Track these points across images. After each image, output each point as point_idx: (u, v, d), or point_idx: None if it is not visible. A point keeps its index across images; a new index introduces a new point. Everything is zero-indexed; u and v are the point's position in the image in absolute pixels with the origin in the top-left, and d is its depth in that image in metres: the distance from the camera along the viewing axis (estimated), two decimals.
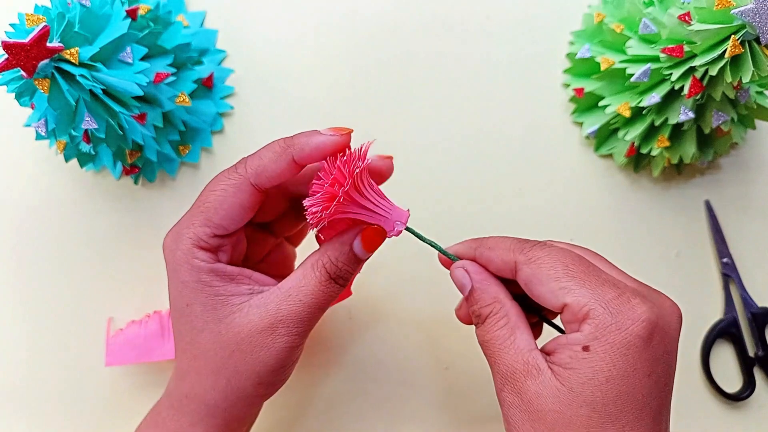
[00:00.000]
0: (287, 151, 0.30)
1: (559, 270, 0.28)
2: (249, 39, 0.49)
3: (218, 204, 0.31)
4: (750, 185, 0.47)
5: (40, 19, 0.34)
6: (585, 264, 0.28)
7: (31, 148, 0.47)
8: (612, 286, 0.27)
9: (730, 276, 0.45)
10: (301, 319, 0.30)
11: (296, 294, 0.30)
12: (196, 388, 0.31)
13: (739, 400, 0.44)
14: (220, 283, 0.31)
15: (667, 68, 0.38)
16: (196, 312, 0.31)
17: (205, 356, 0.31)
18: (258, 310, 0.30)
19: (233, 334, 0.30)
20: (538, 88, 0.48)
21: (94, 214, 0.47)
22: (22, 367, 0.46)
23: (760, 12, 0.33)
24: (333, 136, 0.30)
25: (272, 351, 0.30)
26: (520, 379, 0.28)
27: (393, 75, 0.48)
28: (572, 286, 0.27)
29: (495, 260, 0.31)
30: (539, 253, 0.29)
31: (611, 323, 0.26)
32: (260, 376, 0.30)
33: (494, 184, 0.47)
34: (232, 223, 0.31)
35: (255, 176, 0.31)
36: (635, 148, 0.44)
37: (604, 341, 0.26)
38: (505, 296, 0.31)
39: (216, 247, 0.31)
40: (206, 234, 0.31)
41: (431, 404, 0.44)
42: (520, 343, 0.29)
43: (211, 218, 0.31)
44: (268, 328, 0.30)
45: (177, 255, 0.31)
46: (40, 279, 0.47)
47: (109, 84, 0.37)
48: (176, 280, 0.31)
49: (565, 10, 0.48)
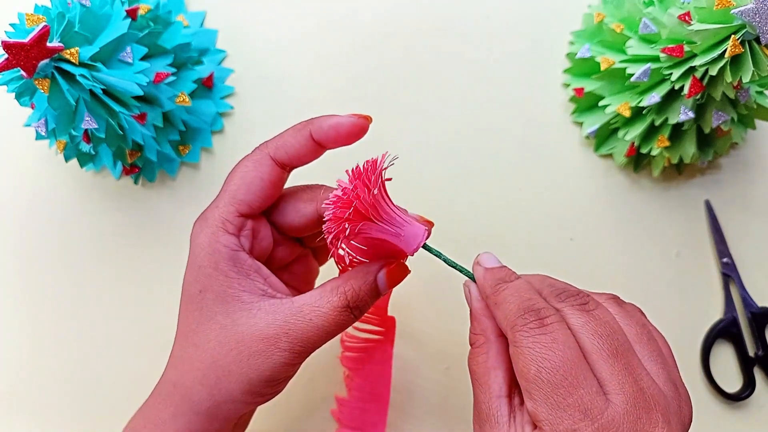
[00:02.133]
0: (306, 128, 0.31)
1: (531, 371, 0.26)
2: (249, 39, 0.49)
3: (241, 180, 0.31)
4: (750, 185, 0.47)
5: (40, 19, 0.34)
6: (562, 373, 0.26)
7: (31, 148, 0.47)
8: (576, 413, 0.25)
9: (730, 276, 0.45)
10: (306, 339, 0.30)
11: (308, 313, 0.30)
12: (185, 378, 0.31)
13: (739, 400, 0.44)
14: (235, 275, 0.30)
15: (667, 68, 0.38)
16: (207, 300, 0.30)
17: (202, 347, 0.30)
18: (266, 316, 0.30)
19: (236, 332, 0.30)
20: (538, 88, 0.48)
21: (94, 214, 0.47)
22: (22, 367, 0.46)
23: (760, 12, 0.33)
24: (351, 117, 0.30)
25: (269, 362, 0.30)
26: (482, 420, 0.29)
27: (393, 75, 0.48)
28: (535, 394, 0.26)
29: (497, 318, 0.30)
30: (523, 341, 0.27)
31: None
32: (251, 384, 0.30)
33: (494, 184, 0.47)
34: (256, 198, 0.31)
35: (275, 150, 0.31)
36: (635, 148, 0.44)
37: None
38: (494, 332, 0.30)
39: (239, 227, 0.31)
40: (231, 213, 0.31)
41: (432, 403, 0.44)
42: (493, 385, 0.29)
43: (235, 195, 0.31)
44: (271, 338, 0.29)
45: (200, 238, 0.31)
46: (40, 279, 0.47)
47: (109, 84, 0.37)
48: (194, 264, 0.31)
49: (565, 10, 0.48)
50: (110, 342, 0.46)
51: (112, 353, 0.46)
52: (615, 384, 0.26)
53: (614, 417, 0.25)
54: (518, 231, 0.46)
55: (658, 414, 0.25)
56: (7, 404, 0.46)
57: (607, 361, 0.26)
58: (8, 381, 0.46)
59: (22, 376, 0.46)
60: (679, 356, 0.45)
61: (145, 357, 0.44)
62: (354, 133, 0.31)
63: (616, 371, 0.26)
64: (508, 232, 0.46)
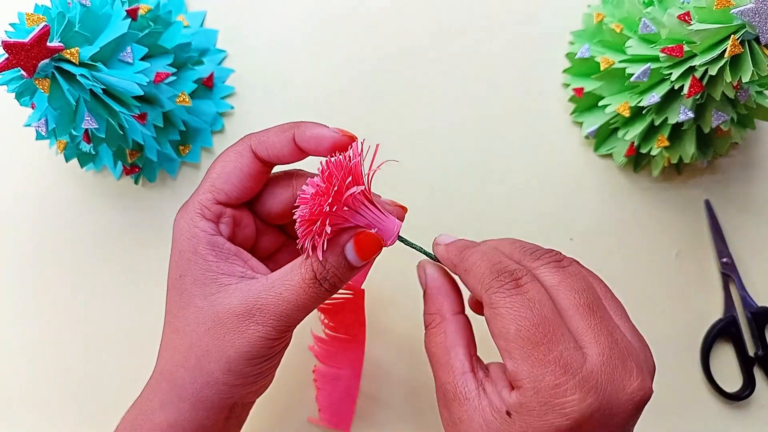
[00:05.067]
0: (290, 130, 0.31)
1: (511, 331, 0.26)
2: (249, 39, 0.49)
3: (221, 169, 0.32)
4: (750, 185, 0.47)
5: (40, 19, 0.34)
6: (541, 331, 0.26)
7: (31, 147, 0.47)
8: (558, 369, 0.25)
9: (729, 275, 0.45)
10: (279, 313, 0.30)
11: (279, 286, 0.30)
12: (169, 363, 0.31)
13: (739, 400, 0.44)
14: (214, 258, 0.31)
15: (666, 68, 0.38)
16: (186, 284, 0.31)
17: (182, 331, 0.31)
18: (241, 293, 0.30)
19: (212, 312, 0.30)
20: (538, 88, 0.48)
21: (94, 214, 0.47)
22: (22, 366, 0.46)
23: (760, 12, 0.33)
24: (335, 133, 0.31)
25: (245, 338, 0.30)
26: (449, 400, 0.29)
27: (393, 75, 0.48)
28: (515, 353, 0.26)
29: (468, 286, 0.30)
30: (500, 302, 0.27)
31: (535, 408, 0.26)
32: (230, 362, 0.30)
33: (494, 184, 0.47)
34: (234, 188, 0.32)
35: (257, 144, 0.32)
36: (635, 148, 0.44)
37: (525, 419, 0.26)
38: (450, 310, 0.30)
39: (218, 215, 0.32)
40: (209, 200, 0.31)
41: (432, 403, 0.44)
42: (455, 363, 0.29)
43: (214, 183, 0.32)
44: (245, 314, 0.30)
45: (180, 224, 0.31)
46: (40, 278, 0.47)
47: (109, 84, 0.37)
48: (175, 250, 0.32)
49: (565, 10, 0.48)
50: (110, 340, 0.46)
51: (112, 351, 0.46)
52: (591, 338, 0.27)
53: (593, 369, 0.26)
54: (518, 231, 0.46)
55: (632, 363, 0.27)
56: (7, 403, 0.46)
57: (583, 316, 0.27)
58: (9, 379, 0.46)
59: (23, 374, 0.46)
60: (679, 356, 0.45)
61: (146, 354, 0.44)
62: (334, 148, 0.31)
63: (592, 325, 0.27)
64: (508, 232, 0.46)
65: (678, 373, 0.45)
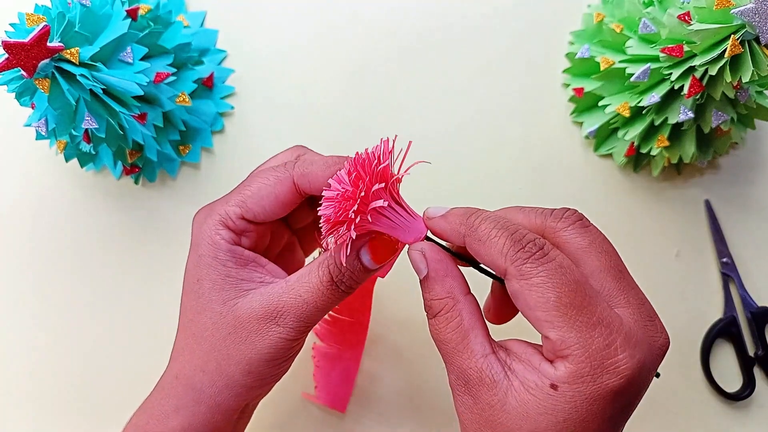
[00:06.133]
0: (337, 165, 0.30)
1: (551, 299, 0.25)
2: (249, 39, 0.49)
3: (257, 190, 0.32)
4: (750, 185, 0.47)
5: (40, 19, 0.34)
6: (581, 294, 0.25)
7: (31, 147, 0.47)
8: (604, 329, 0.25)
9: (729, 276, 0.45)
10: (298, 314, 0.30)
11: (298, 288, 0.30)
12: (186, 368, 0.31)
13: (739, 400, 0.44)
14: (233, 265, 0.31)
15: (666, 68, 0.38)
16: (204, 289, 0.31)
17: (201, 335, 0.31)
18: (261, 297, 0.30)
19: (233, 317, 0.30)
20: (538, 88, 0.48)
21: (94, 214, 0.47)
22: (22, 365, 0.46)
23: (760, 12, 0.33)
24: None
25: (266, 340, 0.30)
26: (473, 386, 0.27)
27: (393, 75, 0.48)
28: (559, 321, 0.25)
29: (483, 257, 0.28)
30: (533, 271, 0.26)
31: (588, 374, 0.25)
32: (251, 365, 0.30)
33: (494, 184, 0.47)
34: (264, 212, 0.32)
35: (299, 176, 0.31)
36: (635, 148, 0.44)
37: (575, 389, 0.25)
38: (461, 291, 0.28)
39: (241, 230, 0.32)
40: (236, 214, 0.31)
41: (431, 403, 0.44)
42: (474, 346, 0.27)
43: (245, 201, 0.31)
44: (266, 316, 0.30)
45: (202, 228, 0.31)
46: (40, 278, 0.47)
47: (109, 84, 0.37)
48: (194, 254, 0.32)
49: (564, 10, 0.48)
50: (112, 340, 0.46)
51: (113, 351, 0.46)
52: (622, 298, 0.27)
53: (630, 326, 0.26)
54: None
55: (657, 322, 0.27)
56: (8, 402, 0.46)
57: (615, 277, 0.27)
58: (10, 379, 0.46)
59: (24, 373, 0.46)
60: (679, 356, 0.45)
61: (147, 354, 0.44)
62: None
63: (622, 286, 0.27)
64: None
65: (678, 373, 0.45)
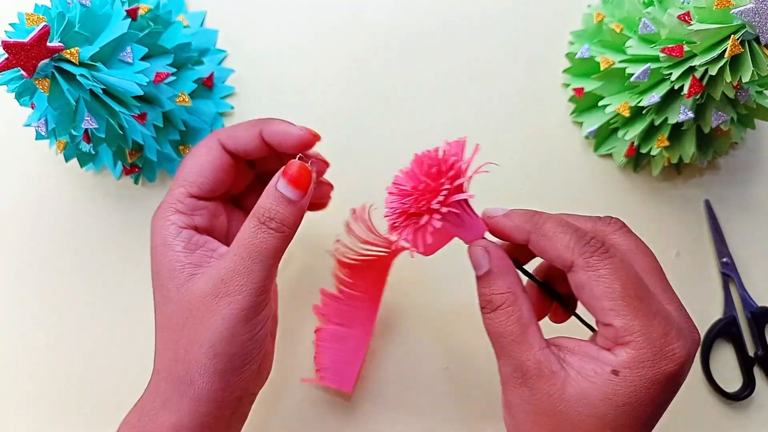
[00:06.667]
0: (258, 125, 0.33)
1: (617, 290, 0.27)
2: (249, 39, 0.49)
3: (192, 164, 0.33)
4: (750, 185, 0.47)
5: (40, 19, 0.34)
6: (641, 287, 0.28)
7: (31, 147, 0.47)
8: (662, 320, 0.27)
9: (729, 276, 0.45)
10: (242, 275, 0.29)
11: (234, 249, 0.30)
12: (163, 361, 0.31)
13: (739, 400, 0.44)
14: (182, 249, 0.31)
15: (666, 68, 0.38)
16: (162, 279, 0.31)
17: (168, 326, 0.31)
18: (208, 274, 0.30)
19: (186, 301, 0.30)
20: (538, 88, 0.48)
21: (94, 214, 0.47)
22: (22, 365, 0.46)
23: (760, 12, 0.33)
24: (301, 130, 0.33)
25: (219, 315, 0.29)
26: (531, 378, 0.28)
27: (393, 75, 0.48)
28: (624, 310, 0.27)
29: (549, 252, 0.30)
30: (599, 263, 0.28)
31: (649, 359, 0.27)
32: (213, 346, 0.29)
33: (494, 184, 0.47)
34: (207, 182, 0.33)
35: (225, 137, 0.33)
36: (635, 148, 0.44)
37: (636, 373, 0.27)
38: (520, 288, 0.30)
39: (192, 209, 0.32)
40: (182, 194, 0.32)
41: (430, 404, 0.44)
42: (533, 340, 0.29)
43: (186, 178, 0.32)
44: (215, 292, 0.30)
45: (154, 221, 0.32)
46: (40, 278, 0.47)
47: (109, 84, 0.37)
48: (151, 246, 0.32)
49: (564, 10, 0.48)
50: (112, 340, 0.46)
51: (113, 351, 0.46)
52: (666, 297, 0.29)
53: (679, 322, 0.28)
54: None
55: (693, 322, 0.29)
56: (8, 402, 0.45)
57: (659, 278, 0.30)
58: (10, 379, 0.46)
59: (24, 373, 0.46)
60: None
61: (147, 354, 0.44)
62: (299, 145, 0.33)
63: (665, 286, 0.30)
64: None
65: None
